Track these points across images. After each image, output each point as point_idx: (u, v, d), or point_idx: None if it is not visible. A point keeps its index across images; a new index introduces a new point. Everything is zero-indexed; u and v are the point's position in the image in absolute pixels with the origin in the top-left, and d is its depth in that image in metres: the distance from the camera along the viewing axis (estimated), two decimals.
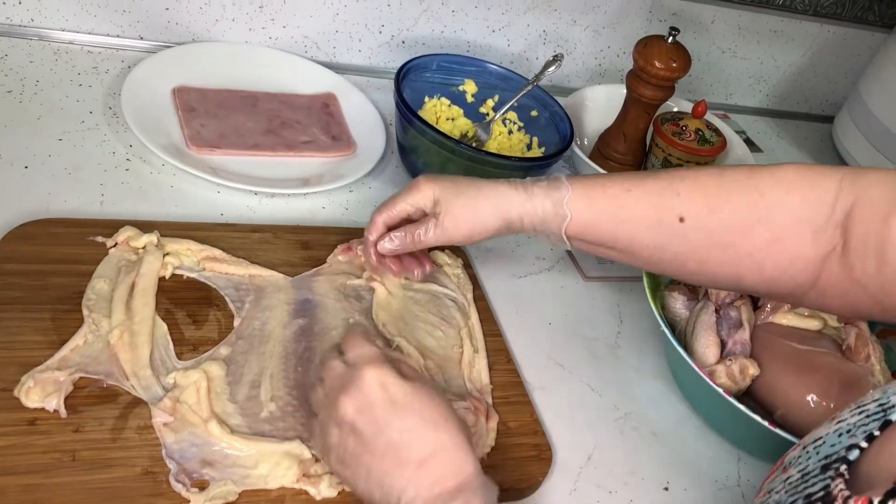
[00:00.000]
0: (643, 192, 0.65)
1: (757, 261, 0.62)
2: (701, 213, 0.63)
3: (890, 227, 0.56)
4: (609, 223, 0.65)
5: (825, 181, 0.61)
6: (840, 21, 1.31)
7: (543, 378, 0.77)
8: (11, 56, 0.91)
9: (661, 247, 0.65)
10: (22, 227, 0.70)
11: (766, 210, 0.61)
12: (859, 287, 0.59)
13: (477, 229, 0.68)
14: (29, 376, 0.59)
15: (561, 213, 0.66)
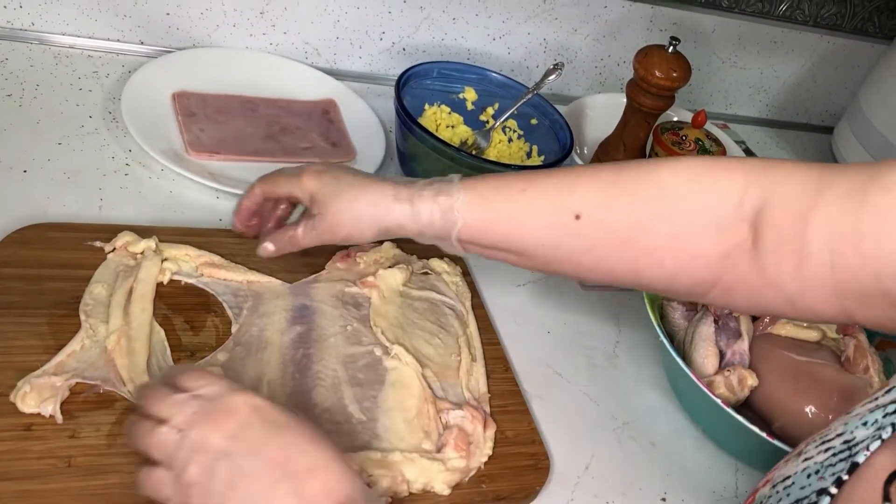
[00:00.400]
0: (538, 191, 0.62)
1: (657, 258, 0.59)
2: (597, 209, 0.60)
3: (809, 228, 0.53)
4: (503, 225, 0.62)
5: (731, 174, 0.58)
6: (840, 32, 1.31)
7: (541, 387, 0.77)
8: (12, 60, 0.91)
9: (557, 246, 0.62)
10: (20, 232, 0.70)
11: (666, 205, 0.59)
12: (772, 287, 0.56)
13: (353, 235, 0.66)
14: (25, 381, 0.58)
15: (451, 218, 0.63)
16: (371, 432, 0.64)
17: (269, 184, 0.69)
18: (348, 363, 0.69)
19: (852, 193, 0.51)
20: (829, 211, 0.52)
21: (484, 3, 1.09)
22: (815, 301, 0.54)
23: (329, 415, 0.65)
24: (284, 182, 0.68)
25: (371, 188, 0.65)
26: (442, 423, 0.67)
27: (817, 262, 0.53)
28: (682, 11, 1.19)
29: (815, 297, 0.54)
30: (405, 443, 0.64)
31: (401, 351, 0.71)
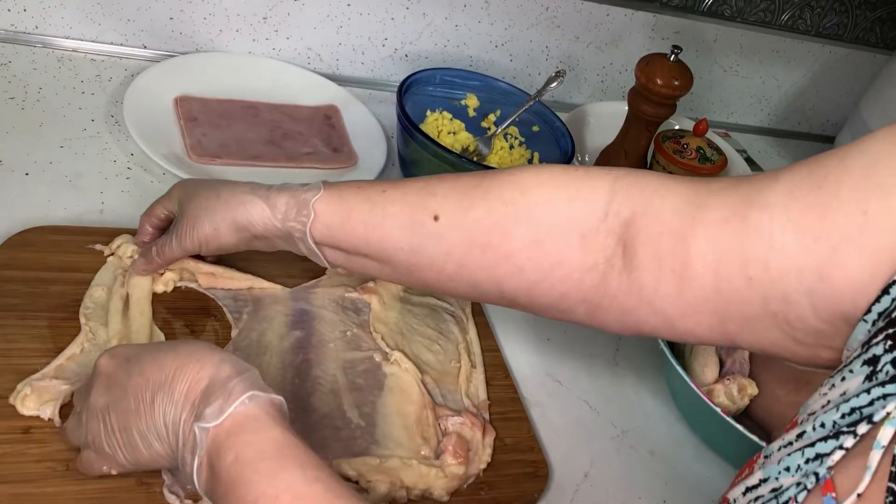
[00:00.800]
0: (399, 193, 0.61)
1: (517, 263, 0.57)
2: (456, 211, 0.58)
3: (690, 248, 0.50)
4: (361, 225, 0.61)
5: (595, 181, 0.56)
6: (842, 42, 1.31)
7: (541, 394, 0.77)
8: (15, 63, 0.91)
9: (417, 250, 0.60)
10: (21, 234, 0.70)
11: (526, 208, 0.57)
12: (648, 307, 0.54)
13: (210, 236, 0.65)
14: (26, 384, 0.58)
15: (304, 212, 0.62)
16: (370, 438, 0.64)
17: (148, 214, 0.70)
18: (347, 368, 0.69)
19: (734, 212, 0.49)
20: (710, 230, 0.50)
21: (486, 10, 1.09)
22: (696, 324, 0.52)
23: (328, 420, 0.65)
24: (159, 203, 0.69)
25: (230, 186, 0.65)
26: (441, 430, 0.67)
27: (700, 284, 0.50)
28: (684, 20, 1.19)
29: (696, 319, 0.51)
30: (404, 449, 0.64)
31: (400, 357, 0.71)
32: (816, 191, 0.45)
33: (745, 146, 1.30)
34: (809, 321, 0.46)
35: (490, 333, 0.79)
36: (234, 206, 0.64)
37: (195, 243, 0.65)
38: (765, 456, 0.43)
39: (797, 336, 0.47)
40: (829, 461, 0.37)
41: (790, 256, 0.45)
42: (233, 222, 0.64)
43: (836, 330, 0.45)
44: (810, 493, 0.37)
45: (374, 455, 0.63)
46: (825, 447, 0.38)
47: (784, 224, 0.46)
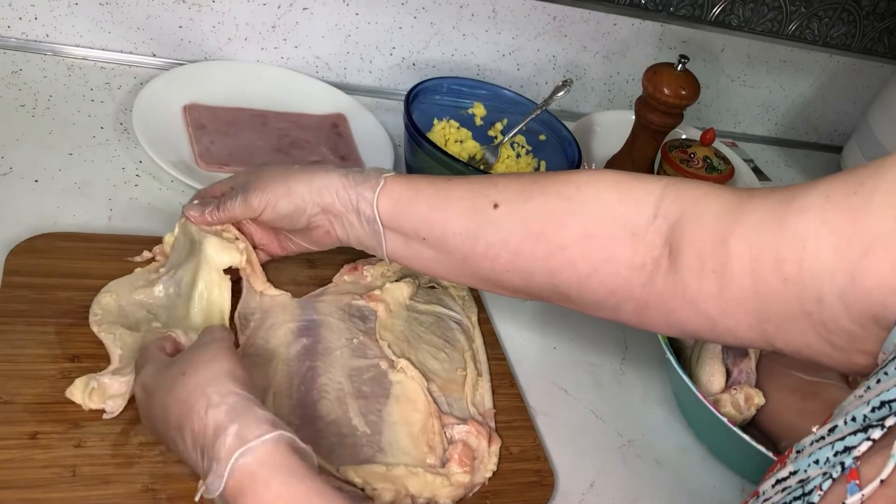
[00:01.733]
0: (463, 181, 0.64)
1: (569, 255, 0.60)
2: (515, 200, 0.62)
3: (730, 249, 0.53)
4: (425, 205, 0.64)
5: (646, 185, 0.59)
6: (849, 52, 1.31)
7: (547, 403, 0.77)
8: (26, 71, 0.92)
9: (475, 236, 0.63)
10: (30, 241, 0.70)
11: (580, 203, 0.60)
12: (692, 307, 0.56)
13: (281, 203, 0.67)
14: (91, 378, 0.59)
15: (375, 181, 0.65)
16: (375, 446, 0.64)
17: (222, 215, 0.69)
18: (353, 376, 0.69)
19: (771, 216, 0.51)
20: (749, 233, 0.52)
21: (494, 19, 1.09)
22: (735, 323, 0.54)
23: (334, 427, 0.65)
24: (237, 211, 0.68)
25: (301, 171, 0.67)
26: (447, 438, 0.67)
27: (739, 284, 0.52)
28: (691, 30, 1.19)
29: (736, 319, 0.54)
30: (409, 457, 0.64)
31: (406, 364, 0.71)
32: (851, 196, 0.47)
33: (752, 156, 1.30)
34: (843, 323, 0.47)
35: (496, 342, 0.79)
36: (312, 171, 0.67)
37: (262, 203, 0.67)
38: (796, 451, 0.44)
39: (832, 339, 0.49)
40: (856, 452, 0.38)
41: (823, 257, 0.47)
42: (309, 183, 0.66)
43: (869, 333, 0.46)
44: (835, 482, 0.39)
45: (380, 463, 0.63)
46: (854, 440, 0.39)
47: (818, 226, 0.48)
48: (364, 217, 0.66)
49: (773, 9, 1.22)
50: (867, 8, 1.26)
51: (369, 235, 0.67)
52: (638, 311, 0.60)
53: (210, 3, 0.98)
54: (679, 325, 0.58)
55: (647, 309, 0.59)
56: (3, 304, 0.65)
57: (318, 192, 0.66)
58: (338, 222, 0.68)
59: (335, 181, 0.66)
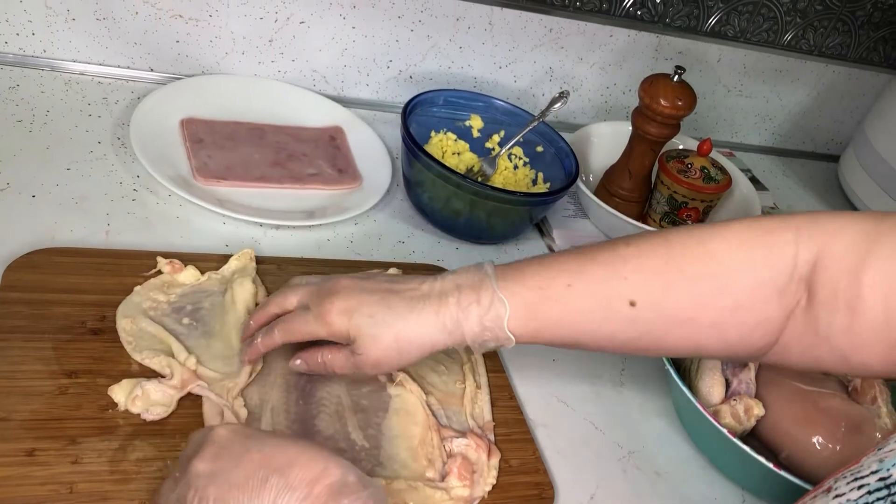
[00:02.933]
0: (586, 284, 0.59)
1: (720, 331, 0.58)
2: (653, 294, 0.58)
3: (862, 282, 0.53)
4: (554, 327, 0.60)
5: (781, 234, 0.58)
6: (845, 62, 1.32)
7: (546, 415, 0.76)
8: (23, 86, 0.92)
9: (612, 335, 0.61)
10: (27, 256, 0.70)
11: (724, 278, 0.58)
12: (825, 342, 0.56)
13: (402, 366, 0.64)
14: (140, 384, 0.61)
15: (503, 337, 0.61)
16: (374, 460, 0.64)
17: (291, 332, 0.63)
18: (352, 390, 0.69)
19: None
20: (881, 263, 0.52)
21: (490, 31, 1.10)
22: (869, 357, 0.54)
23: (332, 442, 0.64)
24: (308, 328, 0.62)
25: (411, 320, 0.60)
26: (446, 451, 0.67)
27: (871, 315, 0.52)
28: (687, 40, 1.20)
29: (869, 352, 0.53)
30: (409, 471, 0.64)
31: (405, 378, 0.71)
32: None
33: (749, 165, 1.30)
34: None
35: (495, 354, 0.79)
36: (428, 345, 0.61)
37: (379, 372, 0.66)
38: (878, 448, 0.44)
39: None
40: None
41: None
42: (428, 354, 0.62)
43: None
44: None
45: (379, 477, 0.63)
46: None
47: None
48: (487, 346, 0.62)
49: (769, 19, 1.22)
50: (862, 18, 1.27)
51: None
52: (779, 352, 0.59)
53: (207, 17, 0.98)
54: (814, 361, 0.58)
55: (787, 350, 0.59)
56: (0, 319, 0.64)
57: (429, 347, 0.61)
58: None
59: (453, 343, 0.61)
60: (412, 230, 0.93)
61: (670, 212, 1.00)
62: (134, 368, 0.65)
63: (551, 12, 1.10)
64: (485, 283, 0.61)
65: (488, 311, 0.60)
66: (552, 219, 1.01)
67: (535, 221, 0.97)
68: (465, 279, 0.62)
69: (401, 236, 0.92)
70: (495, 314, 0.60)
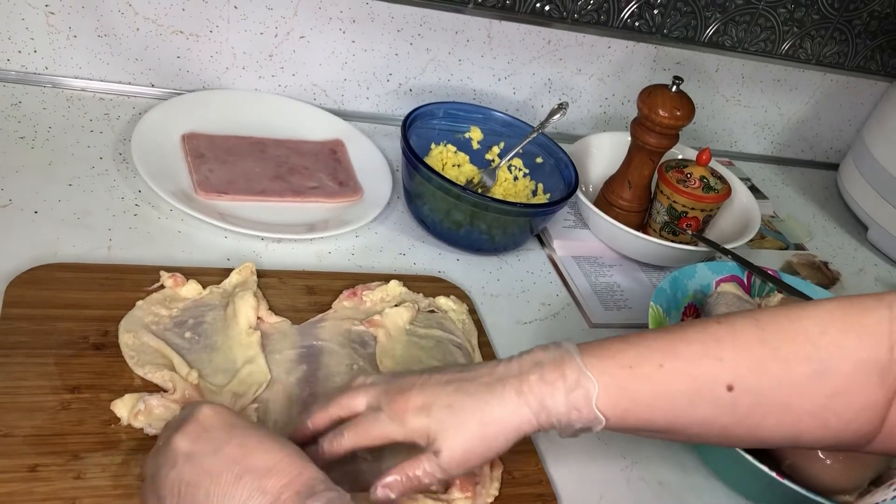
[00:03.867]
0: (679, 364, 0.56)
1: (820, 418, 0.55)
2: (750, 376, 0.55)
3: None
4: (646, 409, 0.57)
5: (874, 312, 0.55)
6: (843, 70, 1.32)
7: None
8: (25, 103, 0.92)
9: (710, 421, 0.57)
10: (30, 272, 0.70)
11: (821, 361, 0.55)
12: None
13: (489, 458, 0.58)
14: (143, 398, 0.62)
15: (594, 419, 0.56)
16: (377, 472, 0.64)
17: (365, 437, 0.59)
18: None
19: None
20: None
21: (489, 44, 1.10)
22: None
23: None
24: (383, 430, 0.58)
25: (493, 405, 0.56)
26: None
27: None
28: (685, 51, 1.20)
29: None
30: None
31: None
32: None
33: (748, 174, 1.31)
34: None
35: None
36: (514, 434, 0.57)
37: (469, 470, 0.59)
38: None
39: None
40: None
41: None
42: (508, 446, 0.58)
43: None
44: None
45: None
46: None
47: None
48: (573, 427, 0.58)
49: (766, 29, 1.23)
50: (859, 27, 1.27)
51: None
52: (884, 441, 0.56)
53: (207, 33, 0.99)
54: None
55: (889, 438, 0.56)
56: (3, 335, 0.65)
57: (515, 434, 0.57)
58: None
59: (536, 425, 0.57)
60: (413, 242, 0.93)
61: (670, 221, 1.00)
62: (136, 383, 0.65)
63: (550, 25, 1.11)
64: (567, 360, 0.57)
65: (575, 389, 0.56)
66: (552, 229, 1.01)
67: (535, 232, 0.97)
68: (546, 356, 0.58)
69: (402, 248, 0.92)
70: (584, 392, 0.56)
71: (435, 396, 0.57)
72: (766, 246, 1.16)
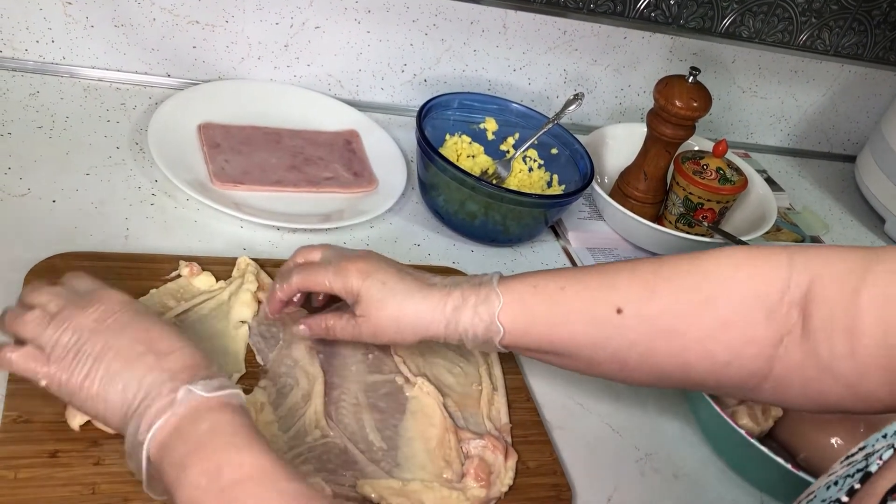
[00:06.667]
0: (578, 288, 0.62)
1: (706, 347, 0.58)
2: (640, 301, 0.59)
3: (859, 306, 0.52)
4: (544, 325, 0.62)
5: (774, 257, 0.58)
6: (861, 61, 1.31)
7: (563, 417, 0.76)
8: (43, 93, 0.93)
9: (601, 344, 0.61)
10: (48, 261, 0.71)
11: (711, 291, 0.58)
12: (828, 374, 0.55)
13: (396, 340, 0.66)
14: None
15: (493, 328, 0.63)
16: (392, 461, 0.64)
17: (308, 279, 0.67)
18: (369, 391, 0.69)
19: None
20: (879, 285, 0.52)
21: (504, 34, 1.10)
22: (874, 386, 0.53)
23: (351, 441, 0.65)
24: (327, 279, 0.66)
25: (416, 299, 0.64)
26: (463, 453, 0.67)
27: (870, 339, 0.52)
28: (701, 41, 1.19)
29: (873, 380, 0.52)
30: (426, 472, 0.64)
31: (422, 382, 0.71)
32: None
33: (765, 166, 1.30)
34: None
35: (511, 356, 0.79)
36: (426, 324, 0.64)
37: (375, 343, 0.68)
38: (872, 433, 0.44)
39: None
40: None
41: None
42: (423, 336, 0.65)
43: None
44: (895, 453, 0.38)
45: (397, 478, 0.63)
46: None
47: None
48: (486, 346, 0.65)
49: (784, 20, 1.22)
50: (878, 17, 1.26)
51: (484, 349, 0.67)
52: (776, 388, 0.58)
53: (223, 23, 0.99)
54: (818, 396, 0.57)
55: (784, 385, 0.57)
56: None
57: (424, 329, 0.64)
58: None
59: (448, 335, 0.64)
60: (427, 233, 0.93)
61: (686, 213, 1.00)
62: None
63: (565, 15, 1.11)
64: (486, 282, 0.64)
65: (483, 303, 0.63)
66: (567, 221, 1.01)
67: (550, 223, 0.97)
68: (472, 280, 0.66)
69: (416, 239, 0.92)
70: (489, 305, 0.63)
71: (376, 269, 0.65)
72: (781, 238, 1.15)
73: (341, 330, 0.66)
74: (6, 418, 0.59)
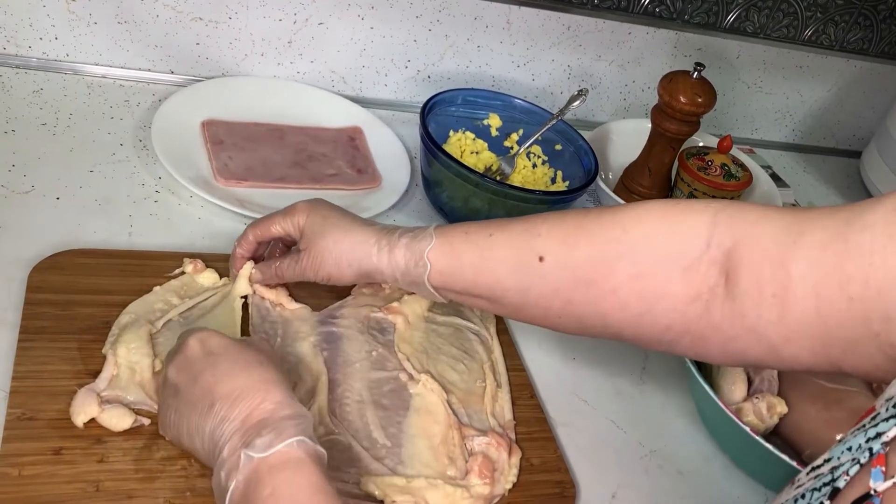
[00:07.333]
0: (505, 236, 0.64)
1: (621, 297, 0.59)
2: (560, 251, 0.61)
3: (790, 272, 0.51)
4: (471, 269, 0.64)
5: (695, 216, 0.58)
6: (867, 56, 1.30)
7: (567, 414, 0.76)
8: (47, 90, 0.93)
9: (524, 290, 0.63)
10: (52, 258, 0.71)
11: (628, 244, 0.59)
12: (752, 335, 0.55)
13: (333, 275, 0.69)
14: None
15: (422, 264, 0.65)
16: (396, 458, 0.64)
17: (260, 227, 0.71)
18: (373, 388, 0.69)
19: (834, 235, 0.50)
20: (811, 253, 0.51)
21: (508, 30, 1.10)
22: (799, 349, 0.53)
23: (355, 438, 0.65)
24: (275, 220, 0.71)
25: (354, 232, 0.68)
26: (467, 450, 0.67)
27: (802, 307, 0.51)
28: (706, 37, 1.19)
29: (799, 345, 0.52)
30: (430, 469, 0.64)
31: (426, 378, 0.71)
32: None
33: (770, 162, 1.29)
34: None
35: (515, 353, 0.79)
36: (361, 256, 0.67)
37: (317, 278, 0.69)
38: (838, 440, 0.44)
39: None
40: (885, 437, 0.38)
41: (891, 273, 0.47)
42: (358, 269, 0.68)
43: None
44: (862, 468, 0.38)
45: (401, 475, 0.63)
46: (886, 426, 0.39)
47: (885, 241, 0.47)
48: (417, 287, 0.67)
49: (789, 14, 1.21)
50: (884, 12, 1.25)
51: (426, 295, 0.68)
52: (695, 343, 0.59)
53: (227, 20, 0.99)
54: (739, 354, 0.57)
55: (704, 340, 0.58)
56: (27, 320, 0.65)
57: (369, 274, 0.68)
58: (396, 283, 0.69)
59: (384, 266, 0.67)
60: None
61: None
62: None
63: (569, 10, 1.10)
64: (424, 228, 0.67)
65: (416, 241, 0.66)
66: None
67: None
68: (414, 228, 0.68)
69: None
70: (420, 243, 0.66)
71: (319, 207, 0.70)
72: None
73: (287, 268, 0.70)
74: (10, 415, 0.59)
